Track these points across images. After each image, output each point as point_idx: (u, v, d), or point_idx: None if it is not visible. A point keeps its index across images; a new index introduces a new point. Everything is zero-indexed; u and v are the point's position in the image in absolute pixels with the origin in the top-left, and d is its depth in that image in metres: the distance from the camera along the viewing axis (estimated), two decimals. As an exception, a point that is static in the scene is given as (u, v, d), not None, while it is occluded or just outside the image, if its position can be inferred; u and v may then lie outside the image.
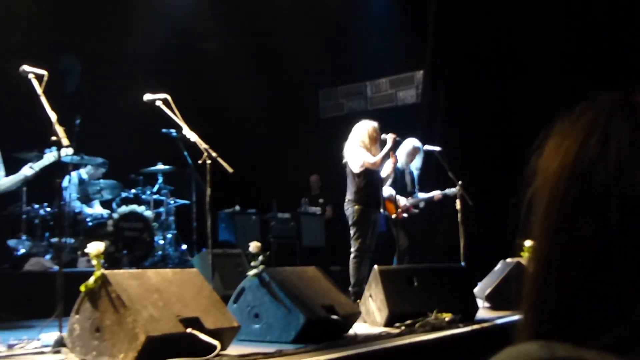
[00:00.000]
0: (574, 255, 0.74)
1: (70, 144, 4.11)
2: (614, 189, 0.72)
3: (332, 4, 11.28)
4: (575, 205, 0.75)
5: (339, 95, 12.54)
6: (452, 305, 4.98)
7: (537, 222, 0.79)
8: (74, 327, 3.64)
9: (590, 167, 0.74)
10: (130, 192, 8.20)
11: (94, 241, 3.72)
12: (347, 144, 7.08)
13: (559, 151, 0.79)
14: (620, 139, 0.74)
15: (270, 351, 3.70)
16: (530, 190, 0.81)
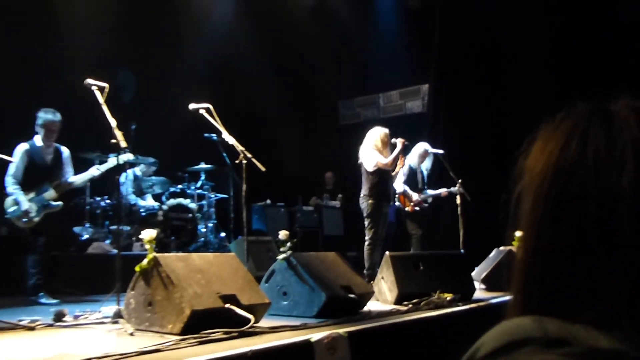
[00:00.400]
0: (557, 243, 0.75)
1: (127, 146, 4.15)
2: (592, 186, 0.72)
3: (351, 26, 11.26)
4: (558, 201, 0.76)
5: (356, 105, 12.51)
6: (453, 286, 4.96)
7: (525, 215, 0.80)
8: (129, 302, 3.68)
9: (571, 168, 0.75)
10: (178, 187, 8.25)
11: (146, 229, 3.76)
12: (362, 147, 7.11)
13: (543, 153, 0.79)
14: (597, 143, 0.74)
15: (296, 324, 3.72)
16: (519, 187, 0.82)
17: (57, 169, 5.94)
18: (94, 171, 5.98)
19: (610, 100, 0.79)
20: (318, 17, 11.27)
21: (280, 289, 4.30)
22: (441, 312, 4.38)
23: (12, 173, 5.68)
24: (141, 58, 9.00)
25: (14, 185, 5.68)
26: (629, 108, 0.77)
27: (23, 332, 3.74)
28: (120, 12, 8.66)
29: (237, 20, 10.74)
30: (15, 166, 5.70)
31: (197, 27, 10.14)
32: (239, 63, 10.54)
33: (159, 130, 7.87)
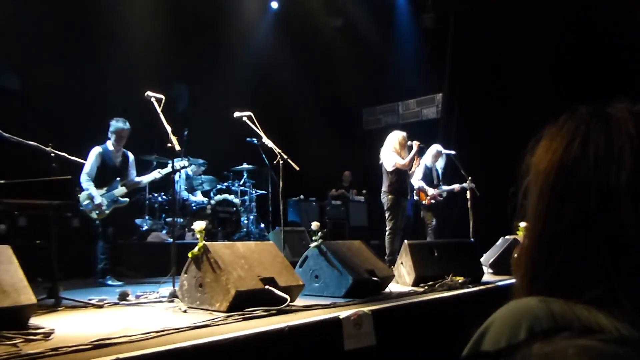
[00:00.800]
0: (560, 231, 0.74)
1: (180, 149, 4.18)
2: (592, 182, 0.72)
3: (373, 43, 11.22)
4: (561, 194, 0.75)
5: (378, 112, 12.46)
6: (464, 270, 4.91)
7: (531, 207, 0.79)
8: (183, 283, 3.71)
9: (574, 165, 0.74)
10: (223, 184, 8.30)
11: (197, 221, 3.78)
12: (383, 149, 7.10)
13: (548, 151, 0.79)
14: (597, 143, 0.74)
15: (327, 303, 3.71)
16: (525, 182, 0.81)
17: (124, 170, 6.04)
18: (156, 174, 6.06)
19: (609, 104, 0.78)
20: (345, 35, 11.28)
21: (312, 273, 4.29)
22: (454, 293, 4.34)
23: (87, 171, 5.78)
24: (193, 73, 9.09)
25: (88, 182, 5.77)
26: (626, 111, 0.76)
27: (93, 309, 3.79)
28: (175, 33, 8.75)
29: (275, 38, 10.80)
30: (89, 165, 5.80)
31: (241, 45, 10.23)
32: (277, 76, 10.58)
33: (207, 135, 7.91)
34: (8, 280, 2.77)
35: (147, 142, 6.71)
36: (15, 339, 2.49)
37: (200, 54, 9.33)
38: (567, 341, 0.40)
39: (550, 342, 0.40)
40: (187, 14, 9.07)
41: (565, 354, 0.38)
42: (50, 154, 4.10)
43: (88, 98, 7.44)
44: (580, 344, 0.39)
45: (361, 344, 3.18)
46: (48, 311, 3.58)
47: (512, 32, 8.72)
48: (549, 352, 0.39)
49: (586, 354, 0.37)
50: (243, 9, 10.39)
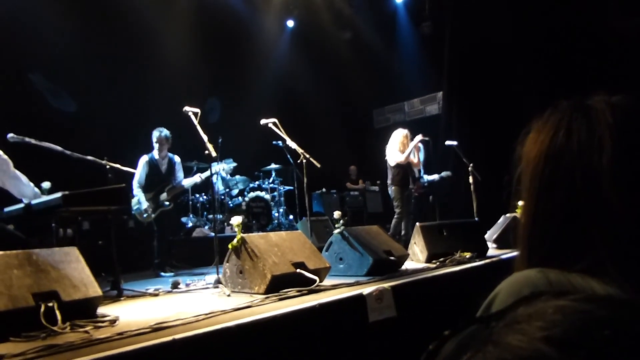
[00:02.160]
0: (551, 212, 0.75)
1: (216, 155, 4.21)
2: (577, 166, 0.72)
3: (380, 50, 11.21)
4: (550, 178, 0.76)
5: (386, 111, 12.40)
6: (470, 247, 4.86)
7: (524, 192, 0.80)
8: (225, 271, 3.74)
9: (559, 153, 0.75)
10: (255, 183, 8.34)
11: (235, 216, 3.81)
12: (388, 145, 7.21)
13: (536, 142, 0.79)
14: (579, 132, 0.74)
15: (351, 282, 3.71)
16: (518, 170, 0.82)
17: (170, 175, 6.09)
18: (197, 178, 6.13)
19: (588, 97, 0.79)
20: (354, 46, 11.28)
21: (337, 256, 4.30)
22: (463, 267, 4.30)
23: (137, 179, 5.87)
24: (223, 87, 9.14)
25: (138, 188, 5.86)
26: (604, 102, 0.76)
27: (150, 298, 3.85)
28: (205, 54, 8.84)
29: (293, 52, 10.86)
30: (139, 173, 5.88)
31: (263, 60, 10.31)
32: (296, 85, 10.61)
33: (239, 141, 7.95)
34: (77, 277, 2.83)
35: (188, 151, 6.77)
36: (86, 326, 2.54)
37: (228, 71, 9.39)
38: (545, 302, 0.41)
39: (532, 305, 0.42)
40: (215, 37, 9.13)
41: (545, 313, 0.39)
42: (106, 166, 4.16)
43: (134, 114, 7.54)
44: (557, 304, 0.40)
45: (383, 315, 3.18)
46: (112, 301, 3.65)
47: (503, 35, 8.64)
48: (531, 312, 0.40)
49: (561, 312, 0.39)
50: (264, 30, 10.47)
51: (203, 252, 6.07)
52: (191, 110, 4.41)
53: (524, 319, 0.39)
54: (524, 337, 0.37)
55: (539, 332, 0.37)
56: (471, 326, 0.43)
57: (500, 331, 0.39)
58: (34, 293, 2.55)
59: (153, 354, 2.12)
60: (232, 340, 2.43)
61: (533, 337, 0.37)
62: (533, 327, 0.37)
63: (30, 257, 2.76)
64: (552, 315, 0.38)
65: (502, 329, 0.39)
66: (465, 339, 0.41)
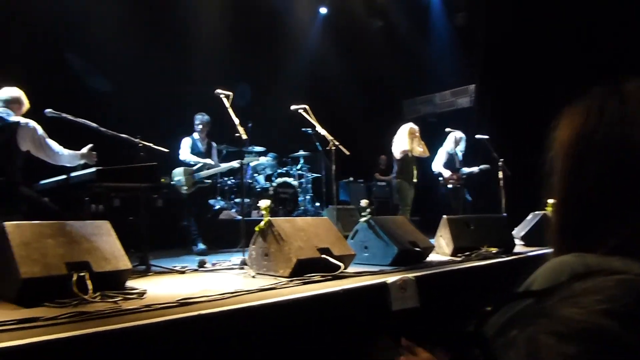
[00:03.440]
0: (583, 191, 0.75)
1: (247, 138, 4.24)
2: (609, 142, 0.73)
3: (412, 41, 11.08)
4: (582, 158, 0.76)
5: (417, 103, 12.27)
6: (497, 242, 4.81)
7: (556, 174, 0.81)
8: (251, 253, 3.79)
9: (592, 130, 0.75)
10: (283, 169, 8.38)
11: (263, 199, 3.84)
12: (394, 139, 7.37)
13: (568, 125, 0.80)
14: (611, 112, 0.74)
15: (375, 270, 3.72)
16: (551, 153, 0.83)
17: (209, 156, 6.32)
18: (235, 164, 6.32)
19: (620, 81, 0.79)
20: (386, 35, 11.18)
21: (362, 244, 4.30)
22: (488, 262, 4.27)
23: (184, 156, 6.25)
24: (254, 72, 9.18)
25: (187, 157, 6.15)
26: (635, 85, 0.76)
27: (177, 274, 3.92)
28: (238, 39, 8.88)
29: (325, 39, 10.82)
30: (185, 152, 6.26)
31: (295, 45, 10.32)
32: (328, 71, 10.57)
33: (268, 126, 8.00)
34: (108, 250, 2.91)
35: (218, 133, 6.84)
36: (116, 297, 2.62)
37: (260, 56, 9.41)
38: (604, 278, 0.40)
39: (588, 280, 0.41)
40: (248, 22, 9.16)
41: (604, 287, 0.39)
42: (139, 144, 4.24)
43: (166, 95, 7.66)
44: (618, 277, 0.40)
45: (406, 305, 3.18)
46: (140, 276, 3.74)
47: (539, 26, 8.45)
48: (589, 287, 0.40)
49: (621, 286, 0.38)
50: (296, 16, 10.45)
51: (229, 234, 6.14)
52: (223, 93, 4.45)
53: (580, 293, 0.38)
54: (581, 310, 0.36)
55: (597, 305, 0.36)
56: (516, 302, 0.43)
57: (554, 305, 0.39)
58: (67, 262, 2.64)
59: (179, 327, 2.17)
60: (256, 319, 2.47)
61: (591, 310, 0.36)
62: (591, 300, 0.37)
63: (64, 228, 2.84)
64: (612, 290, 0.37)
65: (556, 303, 0.39)
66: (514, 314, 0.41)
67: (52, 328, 1.97)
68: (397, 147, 7.29)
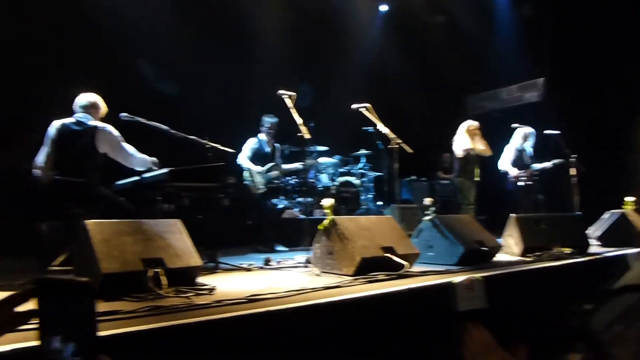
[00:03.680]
0: None
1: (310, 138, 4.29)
2: None
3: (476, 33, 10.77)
4: None
5: (481, 99, 11.92)
6: (570, 242, 4.60)
7: None
8: (315, 251, 3.82)
9: None
10: (345, 168, 8.37)
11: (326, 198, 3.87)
12: (455, 137, 7.25)
13: None
14: None
15: (441, 269, 3.66)
16: None
17: (275, 158, 6.45)
18: (299, 165, 6.42)
19: None
20: (448, 29, 10.94)
21: (426, 243, 4.24)
22: (561, 263, 4.08)
23: (244, 157, 6.26)
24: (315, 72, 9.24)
25: (247, 161, 6.26)
26: None
27: (243, 272, 4.03)
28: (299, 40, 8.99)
29: (385, 36, 10.74)
30: (246, 152, 6.39)
31: (356, 44, 10.29)
32: (389, 69, 10.48)
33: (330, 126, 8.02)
34: (180, 247, 3.03)
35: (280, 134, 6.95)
36: (188, 293, 2.73)
37: (320, 56, 9.48)
38: None
39: None
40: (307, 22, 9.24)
41: None
42: (206, 145, 4.39)
43: (230, 97, 7.87)
44: None
45: (473, 306, 3.11)
46: (209, 273, 3.87)
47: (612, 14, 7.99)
48: None
49: None
50: (356, 14, 10.42)
51: (292, 233, 6.22)
52: (286, 94, 4.52)
53: None
54: None
55: None
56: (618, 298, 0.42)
57: None
58: (143, 259, 2.78)
59: (247, 323, 2.24)
60: (322, 317, 2.50)
61: None
62: None
63: (140, 226, 3.00)
64: None
65: None
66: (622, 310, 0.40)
67: (131, 321, 2.09)
68: (458, 146, 7.14)
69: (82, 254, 2.80)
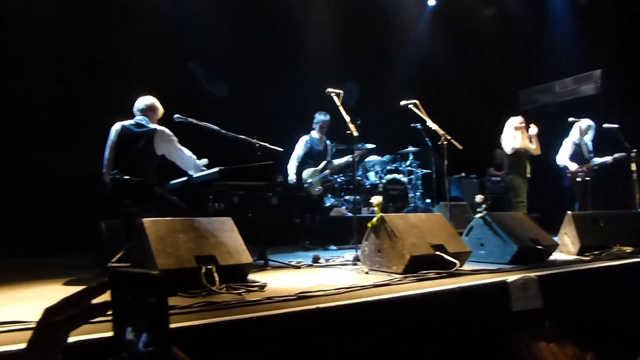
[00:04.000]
0: None
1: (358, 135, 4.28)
2: None
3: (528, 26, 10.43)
4: None
5: (534, 92, 11.52)
6: (631, 240, 4.39)
7: None
8: (364, 249, 3.82)
9: None
10: (392, 165, 8.31)
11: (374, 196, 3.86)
12: (502, 134, 7.06)
13: None
14: None
15: (493, 268, 3.58)
16: None
17: (325, 155, 6.46)
18: (349, 158, 6.42)
19: None
20: (499, 21, 10.64)
21: (478, 241, 4.16)
22: (622, 262, 3.89)
23: (295, 157, 6.38)
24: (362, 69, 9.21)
25: (294, 166, 6.33)
26: None
27: (292, 269, 4.07)
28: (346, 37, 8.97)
29: (433, 31, 10.56)
30: (298, 152, 6.38)
31: (404, 40, 10.21)
32: (438, 64, 10.30)
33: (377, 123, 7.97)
34: (232, 244, 3.10)
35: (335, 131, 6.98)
36: (240, 289, 2.78)
37: (367, 52, 9.42)
38: None
39: None
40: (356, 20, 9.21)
41: None
42: (256, 144, 4.46)
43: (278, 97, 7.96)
44: None
45: (528, 306, 3.02)
46: (259, 270, 3.93)
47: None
48: None
49: None
50: (404, 9, 10.30)
51: (340, 231, 6.23)
52: (334, 92, 4.53)
53: None
54: None
55: None
56: None
57: None
58: (196, 256, 2.86)
59: (298, 319, 2.26)
60: (372, 314, 2.49)
61: None
62: None
63: (192, 224, 3.08)
64: None
65: None
66: None
67: (187, 316, 2.15)
68: (507, 143, 6.94)
69: (139, 250, 2.90)
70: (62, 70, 6.30)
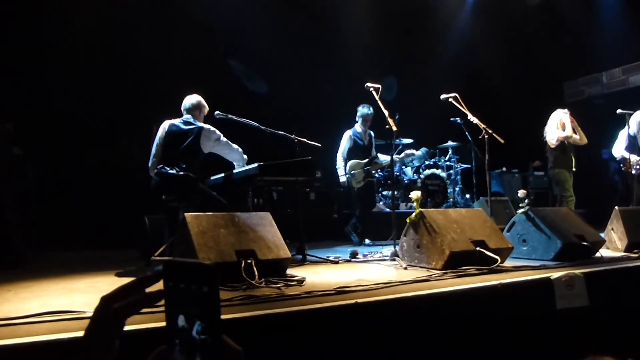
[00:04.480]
0: None
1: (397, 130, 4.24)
2: None
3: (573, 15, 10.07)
4: None
5: (580, 84, 11.14)
6: (685, 238, 4.20)
7: None
8: (403, 245, 3.79)
9: None
10: (431, 160, 8.21)
11: (413, 191, 3.82)
12: (546, 127, 6.87)
13: None
14: None
15: (536, 265, 3.50)
16: None
17: (370, 149, 6.52)
18: (395, 158, 6.43)
19: None
20: (543, 11, 10.31)
21: (520, 237, 4.06)
22: (674, 260, 3.74)
23: (341, 151, 6.46)
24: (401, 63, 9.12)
25: (342, 160, 6.37)
26: None
27: (330, 264, 4.08)
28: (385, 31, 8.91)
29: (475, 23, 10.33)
30: (343, 146, 6.43)
31: (445, 32, 10.04)
32: (479, 57, 10.08)
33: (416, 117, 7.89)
34: (271, 239, 3.13)
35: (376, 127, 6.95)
36: (279, 283, 2.81)
37: (407, 47, 9.31)
38: None
39: None
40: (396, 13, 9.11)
41: None
42: (294, 140, 4.49)
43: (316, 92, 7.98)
44: None
45: (573, 304, 2.94)
46: (297, 265, 3.97)
47: None
48: None
49: None
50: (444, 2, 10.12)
51: (378, 227, 6.20)
52: (372, 86, 4.50)
53: None
54: None
55: None
56: None
57: None
58: (237, 250, 2.91)
59: (337, 314, 2.27)
60: (411, 310, 2.47)
61: None
62: None
63: (233, 219, 3.13)
64: None
65: None
66: None
67: (228, 309, 2.19)
68: (551, 136, 6.72)
69: (182, 244, 2.97)
70: (112, 71, 6.52)
